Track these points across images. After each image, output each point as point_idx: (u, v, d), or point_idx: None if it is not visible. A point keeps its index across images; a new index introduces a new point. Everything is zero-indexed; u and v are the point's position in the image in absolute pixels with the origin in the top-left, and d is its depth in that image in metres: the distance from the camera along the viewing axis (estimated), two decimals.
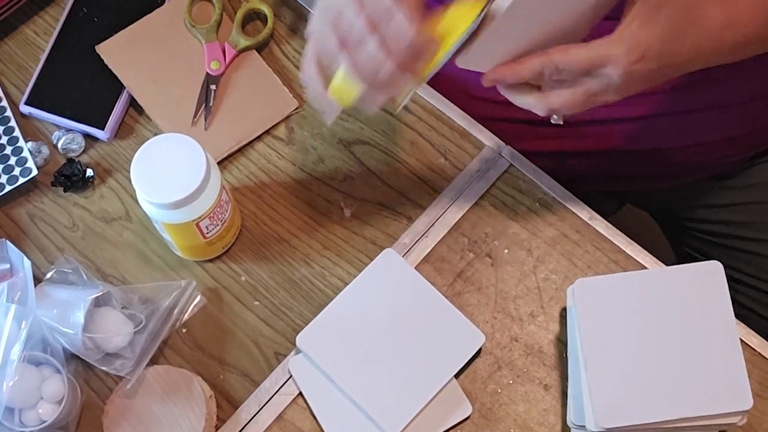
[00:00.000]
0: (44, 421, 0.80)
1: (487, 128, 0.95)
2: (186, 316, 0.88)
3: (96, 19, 1.00)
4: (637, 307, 0.81)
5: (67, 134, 0.95)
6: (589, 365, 0.79)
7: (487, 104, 0.97)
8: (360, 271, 0.87)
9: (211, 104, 0.95)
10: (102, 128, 0.95)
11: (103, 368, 0.83)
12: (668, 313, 0.80)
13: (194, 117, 0.95)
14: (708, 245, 1.08)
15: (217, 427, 0.84)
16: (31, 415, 0.81)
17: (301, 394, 0.85)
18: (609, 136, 0.98)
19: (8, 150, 0.94)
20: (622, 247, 0.89)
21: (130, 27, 0.98)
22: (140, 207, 0.84)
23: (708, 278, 0.81)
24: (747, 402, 0.77)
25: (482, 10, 0.73)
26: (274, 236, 0.91)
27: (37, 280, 0.87)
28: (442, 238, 0.90)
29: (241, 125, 0.95)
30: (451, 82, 0.98)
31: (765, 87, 0.96)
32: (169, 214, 0.82)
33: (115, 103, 0.96)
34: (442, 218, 0.91)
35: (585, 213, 0.91)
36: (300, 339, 0.85)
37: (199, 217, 0.82)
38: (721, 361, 0.78)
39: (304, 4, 1.01)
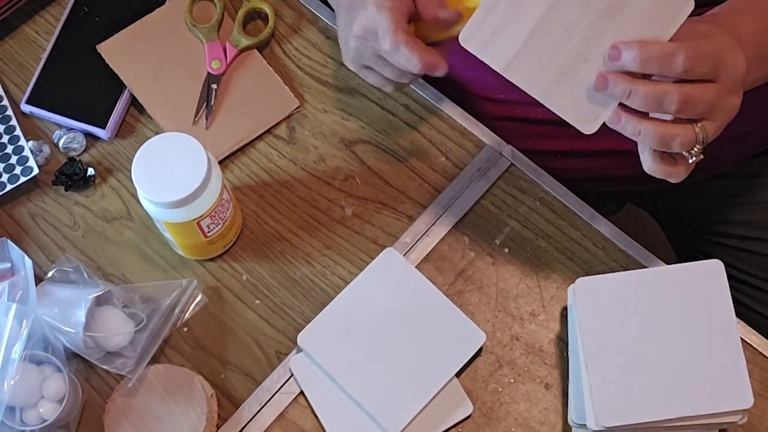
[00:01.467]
0: (45, 420, 0.80)
1: (488, 127, 0.95)
2: (187, 315, 0.88)
3: (97, 19, 1.00)
4: (637, 306, 0.81)
5: (68, 133, 0.95)
6: (589, 364, 0.79)
7: (488, 102, 0.97)
8: (361, 270, 0.87)
9: (212, 103, 0.96)
10: (103, 127, 0.95)
11: (104, 367, 0.83)
12: (669, 312, 0.80)
13: (195, 116, 0.95)
14: (708, 244, 1.08)
15: (219, 426, 0.84)
16: (32, 414, 0.81)
17: (302, 392, 0.85)
18: (610, 136, 0.98)
19: (9, 149, 0.94)
20: (623, 247, 0.89)
21: (131, 26, 0.98)
22: (141, 206, 0.84)
23: (709, 277, 0.81)
24: (747, 401, 0.77)
25: None
26: (275, 235, 0.92)
27: (39, 279, 0.87)
28: (443, 237, 0.90)
29: (242, 124, 0.95)
30: (453, 81, 0.98)
31: (765, 87, 0.96)
32: (170, 213, 0.82)
33: (116, 103, 0.96)
34: (443, 217, 0.91)
35: (586, 212, 0.91)
36: (301, 338, 0.85)
37: (200, 216, 0.82)
38: (722, 359, 0.78)
39: (305, 4, 1.02)
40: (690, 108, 0.70)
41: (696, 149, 0.72)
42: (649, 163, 0.74)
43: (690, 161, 0.73)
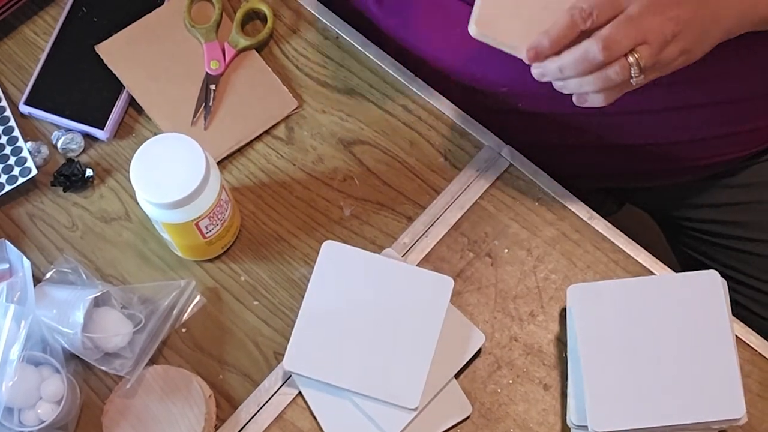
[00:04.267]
0: (43, 421, 0.80)
1: (490, 120, 0.94)
2: (185, 316, 0.88)
3: (96, 19, 1.00)
4: (634, 314, 0.81)
5: (66, 134, 0.95)
6: (585, 370, 0.79)
7: (488, 96, 0.97)
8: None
9: (210, 104, 0.95)
10: (101, 128, 0.95)
11: (103, 368, 0.83)
12: (665, 320, 0.81)
13: (194, 117, 0.95)
14: (707, 245, 1.08)
15: (217, 427, 0.84)
16: (30, 415, 0.81)
17: (300, 393, 0.84)
18: (610, 130, 0.98)
19: (8, 150, 0.94)
20: (622, 247, 0.89)
21: (129, 27, 0.98)
22: (140, 207, 0.84)
23: (706, 287, 0.82)
24: (740, 410, 0.77)
25: None
26: (274, 236, 0.91)
27: (37, 279, 0.87)
28: (442, 238, 0.90)
29: (241, 125, 0.95)
30: (455, 75, 0.98)
31: (765, 84, 0.96)
32: (169, 213, 0.82)
33: (115, 103, 0.96)
34: (441, 218, 0.91)
35: (585, 213, 0.91)
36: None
37: (199, 217, 0.82)
38: (716, 369, 0.78)
39: (303, 4, 1.01)
40: (615, 48, 0.73)
41: (635, 73, 0.75)
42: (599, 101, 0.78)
43: (633, 83, 0.76)
